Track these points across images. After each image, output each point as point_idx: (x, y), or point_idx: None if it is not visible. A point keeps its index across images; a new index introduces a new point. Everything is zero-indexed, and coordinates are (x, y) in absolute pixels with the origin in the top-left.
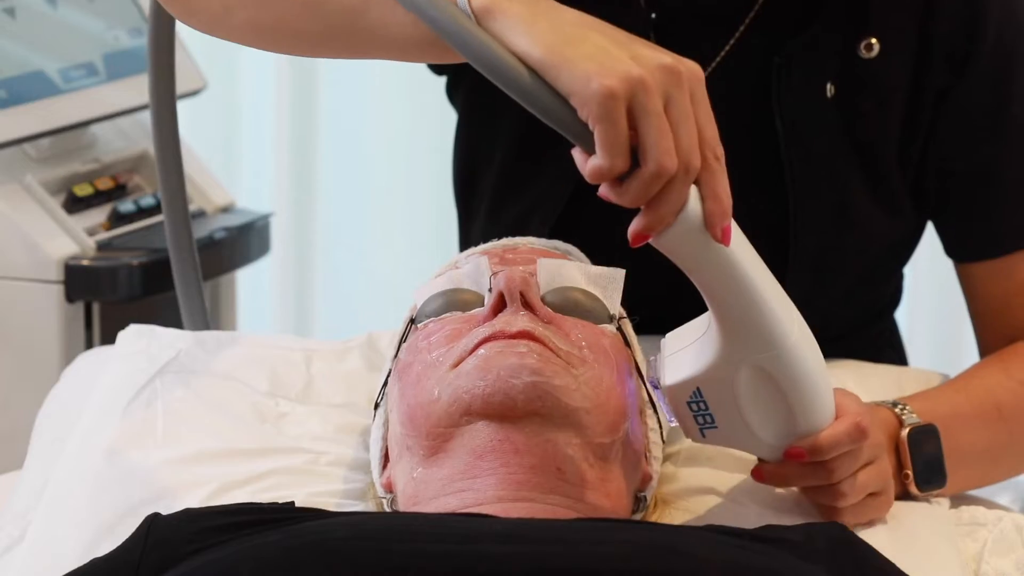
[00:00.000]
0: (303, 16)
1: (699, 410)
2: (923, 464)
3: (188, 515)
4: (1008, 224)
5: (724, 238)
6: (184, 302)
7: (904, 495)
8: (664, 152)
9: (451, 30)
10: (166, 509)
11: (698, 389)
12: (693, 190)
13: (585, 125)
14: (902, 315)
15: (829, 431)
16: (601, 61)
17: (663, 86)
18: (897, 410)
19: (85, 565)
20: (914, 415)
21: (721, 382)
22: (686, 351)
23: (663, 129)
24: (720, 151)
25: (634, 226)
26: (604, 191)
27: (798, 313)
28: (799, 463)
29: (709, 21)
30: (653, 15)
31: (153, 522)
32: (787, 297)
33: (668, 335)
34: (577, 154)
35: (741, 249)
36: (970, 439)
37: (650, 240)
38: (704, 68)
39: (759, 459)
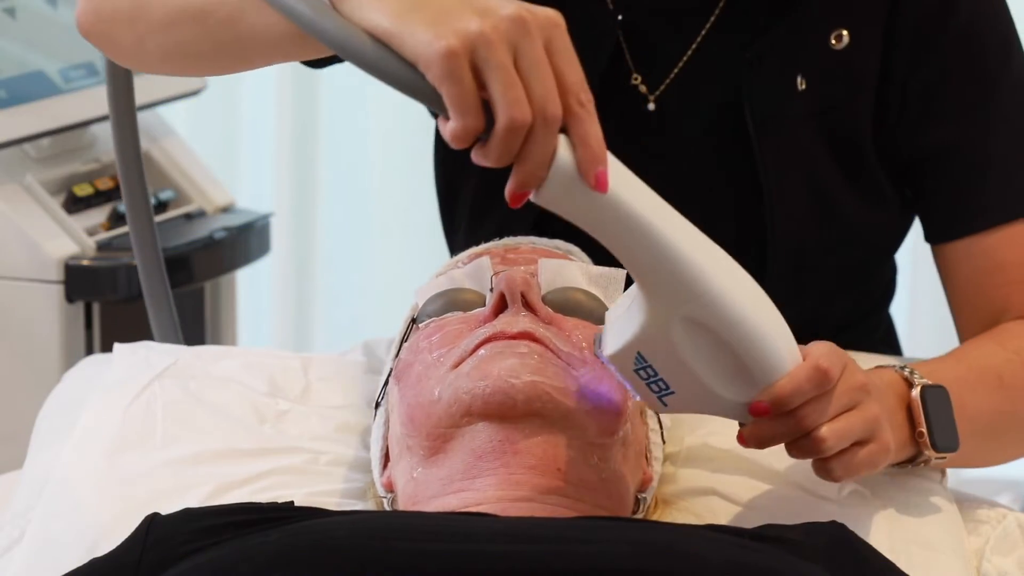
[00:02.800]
0: (196, 36)
1: (650, 377)
2: (937, 423)
3: (187, 515)
4: (982, 201)
5: (599, 185)
6: (153, 311)
7: (915, 458)
8: (513, 103)
9: (298, 14)
10: (166, 509)
11: (639, 354)
12: (563, 140)
13: (436, 89)
14: (903, 309)
15: (787, 378)
16: (441, 21)
17: (508, 36)
18: (905, 372)
19: (85, 565)
20: (923, 377)
21: (659, 342)
22: (622, 317)
23: (509, 81)
24: (586, 96)
25: (508, 186)
26: (474, 156)
27: (728, 259)
28: (769, 419)
29: (677, 18)
30: (620, 16)
31: (152, 522)
32: (709, 243)
33: (609, 308)
34: (440, 122)
35: (634, 195)
36: (976, 405)
37: (531, 198)
38: (673, 65)
39: (739, 424)
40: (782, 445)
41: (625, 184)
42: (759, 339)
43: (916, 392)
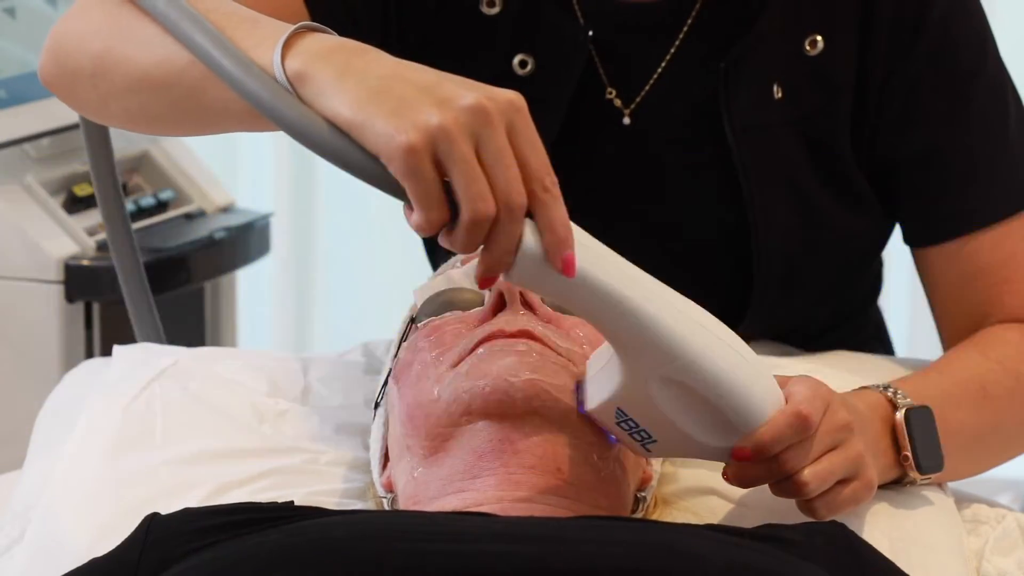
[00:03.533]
0: (159, 102)
1: (632, 428)
2: (921, 446)
3: (187, 515)
4: (964, 204)
5: (567, 269)
6: (133, 312)
7: (901, 479)
8: (476, 198)
9: (259, 100)
10: (165, 509)
11: (619, 409)
12: (529, 224)
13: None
14: (904, 309)
15: (768, 426)
16: (401, 115)
17: (469, 128)
18: (889, 393)
19: (84, 565)
20: (907, 398)
21: (638, 399)
22: (600, 373)
23: (472, 174)
24: (551, 180)
25: (476, 271)
26: (441, 241)
27: (703, 313)
28: (752, 462)
29: (649, 32)
30: (591, 31)
31: (152, 522)
32: (684, 302)
33: (591, 356)
34: (405, 211)
35: (603, 270)
36: (960, 420)
37: (500, 279)
38: (647, 79)
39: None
40: None
41: (593, 260)
42: (737, 393)
43: (900, 415)
